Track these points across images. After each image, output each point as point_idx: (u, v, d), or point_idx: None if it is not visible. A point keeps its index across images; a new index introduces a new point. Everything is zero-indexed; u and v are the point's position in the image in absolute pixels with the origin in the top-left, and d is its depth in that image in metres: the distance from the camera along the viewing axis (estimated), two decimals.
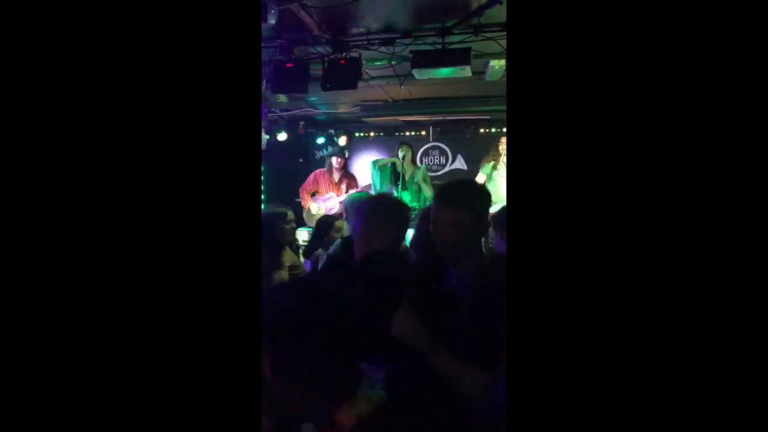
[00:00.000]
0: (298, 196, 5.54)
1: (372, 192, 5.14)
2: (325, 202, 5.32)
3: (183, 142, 0.94)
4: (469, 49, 3.66)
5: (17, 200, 0.88)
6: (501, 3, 3.09)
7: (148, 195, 0.92)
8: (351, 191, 5.26)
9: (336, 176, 5.38)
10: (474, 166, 5.89)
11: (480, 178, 5.08)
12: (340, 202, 5.21)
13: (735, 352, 0.79)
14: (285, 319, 0.97)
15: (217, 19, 0.95)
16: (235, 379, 0.92)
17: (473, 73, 3.89)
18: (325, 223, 3.55)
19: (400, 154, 5.08)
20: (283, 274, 2.29)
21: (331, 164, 5.40)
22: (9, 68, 0.88)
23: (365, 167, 6.45)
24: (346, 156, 5.60)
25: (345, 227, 3.23)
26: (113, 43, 0.92)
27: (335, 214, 4.87)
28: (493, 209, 4.92)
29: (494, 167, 5.02)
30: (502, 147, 4.93)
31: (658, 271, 0.83)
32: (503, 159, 4.90)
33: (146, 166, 0.92)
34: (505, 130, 6.08)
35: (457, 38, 3.67)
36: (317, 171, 5.52)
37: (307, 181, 5.43)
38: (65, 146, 0.90)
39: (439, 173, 6.87)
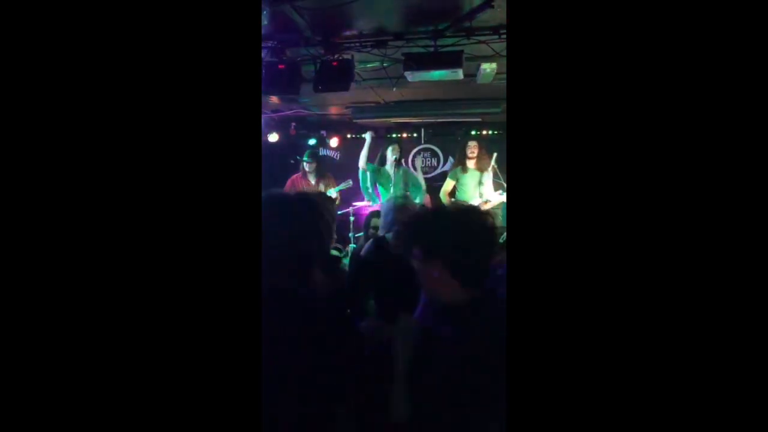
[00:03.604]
0: None
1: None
2: None
3: (183, 142, 0.94)
4: (461, 52, 3.67)
5: (17, 200, 0.88)
6: (492, 7, 3.11)
7: (148, 195, 0.92)
8: (330, 189, 5.50)
9: (312, 179, 5.57)
10: None
11: (450, 184, 5.37)
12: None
13: (730, 345, 0.80)
14: None
15: (218, 20, 0.95)
16: (235, 379, 0.92)
17: (465, 76, 3.90)
18: (368, 218, 3.52)
19: (391, 155, 5.12)
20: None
21: (304, 169, 5.59)
22: (9, 68, 0.88)
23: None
24: (318, 158, 5.78)
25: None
26: (114, 44, 0.92)
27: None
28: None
29: (462, 170, 5.28)
30: (470, 151, 5.22)
31: (658, 272, 0.83)
32: (469, 163, 5.22)
33: (146, 165, 0.92)
34: (485, 132, 6.18)
35: (449, 41, 3.68)
36: (294, 176, 5.69)
37: (285, 187, 5.57)
38: (66, 148, 0.90)
39: (431, 175, 6.89)
